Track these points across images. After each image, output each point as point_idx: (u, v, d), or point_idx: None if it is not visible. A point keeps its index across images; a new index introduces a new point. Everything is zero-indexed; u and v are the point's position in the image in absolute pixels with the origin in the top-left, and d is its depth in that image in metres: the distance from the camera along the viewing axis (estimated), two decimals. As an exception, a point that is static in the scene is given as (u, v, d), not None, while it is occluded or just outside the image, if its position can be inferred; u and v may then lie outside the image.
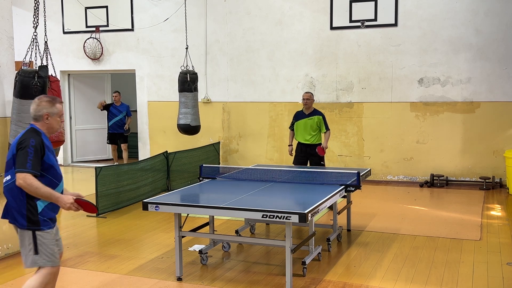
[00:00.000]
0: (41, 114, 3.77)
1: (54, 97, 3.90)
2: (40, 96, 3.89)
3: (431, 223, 6.99)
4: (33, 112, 3.79)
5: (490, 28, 9.35)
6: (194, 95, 9.51)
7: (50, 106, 3.80)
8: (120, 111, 11.53)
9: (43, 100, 3.82)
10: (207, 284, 4.88)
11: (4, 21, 5.78)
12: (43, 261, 3.69)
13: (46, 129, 3.80)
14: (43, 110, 3.78)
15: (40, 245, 3.66)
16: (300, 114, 7.97)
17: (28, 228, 3.66)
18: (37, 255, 3.66)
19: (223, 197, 5.15)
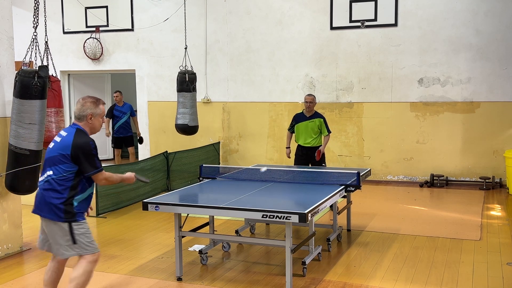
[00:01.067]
0: (85, 114, 3.95)
1: (97, 98, 4.08)
2: (84, 97, 4.06)
3: (431, 223, 6.99)
4: (77, 112, 3.97)
5: (490, 28, 9.35)
6: (192, 95, 9.50)
7: (94, 106, 3.98)
8: (124, 112, 10.83)
9: (88, 100, 3.98)
10: (207, 284, 4.88)
11: (4, 21, 5.78)
12: (82, 250, 3.88)
13: (89, 129, 4.00)
14: (87, 110, 3.95)
15: (77, 235, 3.87)
16: (300, 117, 7.80)
17: (65, 221, 3.84)
18: (75, 245, 3.86)
19: (223, 197, 5.15)
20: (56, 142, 3.93)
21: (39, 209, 3.92)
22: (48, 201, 3.84)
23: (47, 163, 3.91)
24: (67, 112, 12.32)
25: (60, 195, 3.83)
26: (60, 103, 6.46)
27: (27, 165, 5.43)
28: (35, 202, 3.96)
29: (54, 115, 6.33)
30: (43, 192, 3.89)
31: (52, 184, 3.85)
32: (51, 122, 6.28)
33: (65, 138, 3.90)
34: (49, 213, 3.85)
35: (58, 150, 3.86)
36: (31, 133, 5.40)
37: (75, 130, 3.93)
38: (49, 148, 3.96)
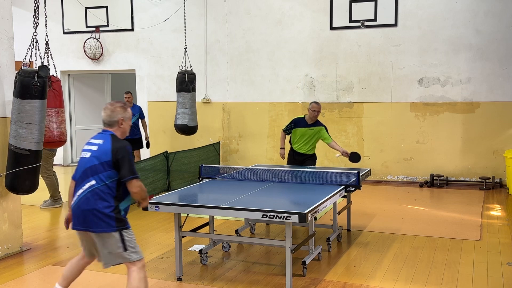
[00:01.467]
0: (116, 120, 3.93)
1: (124, 102, 4.07)
2: (111, 102, 4.03)
3: (431, 223, 6.99)
4: (108, 118, 3.92)
5: (490, 28, 9.35)
6: (192, 95, 9.50)
7: (124, 111, 3.97)
8: (133, 114, 10.14)
9: (117, 105, 3.96)
10: (207, 284, 4.88)
11: (4, 21, 5.78)
12: (133, 256, 3.85)
13: (120, 134, 3.98)
14: (118, 115, 3.94)
15: (128, 241, 3.83)
16: (301, 122, 7.48)
17: (116, 229, 3.79)
18: (126, 252, 3.82)
19: (223, 197, 5.15)
20: (92, 151, 3.85)
21: (85, 225, 3.79)
22: (96, 213, 3.74)
23: (86, 174, 3.81)
24: (67, 113, 12.33)
25: (108, 204, 3.77)
26: (61, 103, 6.46)
27: (27, 165, 5.43)
28: (77, 217, 3.83)
29: (55, 115, 6.33)
30: (88, 203, 3.77)
31: (98, 193, 3.76)
32: (52, 122, 6.28)
33: (102, 146, 3.83)
34: (99, 226, 3.75)
35: (98, 159, 3.79)
36: (31, 133, 5.40)
37: (110, 136, 3.88)
38: (84, 158, 3.87)
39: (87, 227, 3.79)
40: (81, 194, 3.81)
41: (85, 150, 3.91)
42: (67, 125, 12.40)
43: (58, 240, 6.48)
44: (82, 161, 3.89)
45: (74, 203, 3.86)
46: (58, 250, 6.00)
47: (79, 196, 3.82)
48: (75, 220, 3.86)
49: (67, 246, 6.14)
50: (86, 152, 3.89)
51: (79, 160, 3.93)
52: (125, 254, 3.82)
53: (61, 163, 12.16)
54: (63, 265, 5.46)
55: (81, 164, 3.89)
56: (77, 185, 3.87)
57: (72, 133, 12.53)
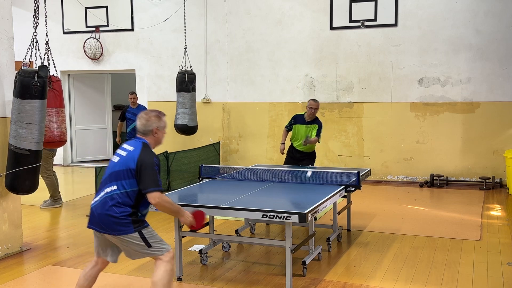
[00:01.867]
0: (150, 129, 3.93)
1: (159, 111, 4.05)
2: (147, 111, 4.02)
3: (431, 223, 6.99)
4: (142, 127, 3.92)
5: (490, 28, 9.35)
6: (191, 95, 9.51)
7: (158, 120, 3.96)
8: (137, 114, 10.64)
9: (152, 115, 3.95)
10: (207, 284, 4.88)
11: (4, 21, 5.78)
12: (158, 251, 3.83)
13: (154, 143, 3.97)
14: (153, 124, 3.93)
15: (149, 238, 3.81)
16: (300, 119, 7.61)
17: (135, 230, 3.76)
18: (150, 248, 3.81)
19: (223, 197, 5.15)
20: (121, 156, 3.85)
21: (102, 227, 3.77)
22: (112, 218, 3.71)
23: (111, 177, 3.80)
24: (67, 112, 12.33)
25: (125, 210, 3.73)
26: (61, 103, 6.47)
27: (27, 165, 5.44)
28: (93, 218, 3.80)
29: (55, 115, 6.34)
30: (104, 207, 3.74)
31: (116, 199, 3.73)
32: (52, 122, 6.29)
33: (131, 153, 3.82)
34: (117, 230, 3.72)
35: (124, 164, 3.78)
36: (31, 133, 5.40)
37: (142, 144, 3.86)
38: (113, 162, 3.87)
39: (104, 229, 3.77)
40: (102, 197, 3.79)
41: (116, 154, 3.92)
42: (67, 125, 12.40)
43: (58, 240, 6.48)
44: (110, 164, 3.90)
45: (94, 203, 3.85)
46: (58, 250, 6.00)
47: (100, 198, 3.80)
48: (90, 219, 3.85)
49: (67, 246, 6.14)
50: (116, 156, 3.90)
51: (109, 163, 3.94)
52: (149, 250, 3.82)
53: (61, 163, 12.15)
54: (63, 265, 5.46)
55: (109, 167, 3.90)
56: (101, 186, 3.87)
57: (72, 133, 12.53)
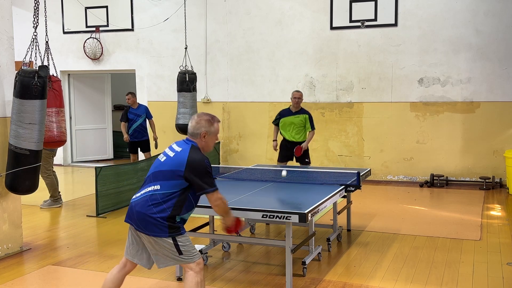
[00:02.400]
0: (199, 132, 3.82)
1: (213, 116, 3.93)
2: (200, 114, 3.91)
3: (431, 223, 6.99)
4: (192, 129, 3.84)
5: (490, 28, 9.35)
6: (192, 95, 9.52)
7: (209, 125, 3.84)
8: (139, 114, 10.06)
9: (203, 118, 3.84)
10: (207, 284, 4.88)
11: (4, 21, 5.78)
12: (188, 259, 3.75)
13: (201, 146, 3.87)
14: (201, 128, 3.82)
15: (182, 246, 3.71)
16: (286, 112, 8.14)
17: (169, 235, 3.68)
18: (181, 255, 3.73)
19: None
20: (168, 157, 3.77)
21: (138, 225, 3.70)
22: (149, 218, 3.64)
23: (156, 177, 3.74)
24: (67, 112, 12.32)
25: (165, 211, 3.65)
26: (61, 103, 6.47)
27: (27, 165, 5.44)
28: (134, 217, 3.72)
29: (55, 115, 6.34)
30: (144, 206, 3.68)
31: (157, 199, 3.66)
32: (52, 122, 6.29)
33: (179, 154, 3.74)
34: (152, 230, 3.65)
35: (171, 165, 3.70)
36: (31, 133, 5.40)
37: (190, 146, 3.79)
38: (159, 161, 3.80)
39: (140, 228, 3.70)
40: (143, 194, 3.73)
41: (164, 153, 3.85)
42: (67, 125, 12.40)
43: (58, 240, 6.48)
44: (156, 162, 3.84)
45: (135, 199, 3.78)
46: (58, 250, 6.00)
47: (141, 195, 3.75)
48: (129, 214, 3.78)
49: (67, 246, 6.14)
50: (164, 155, 3.83)
51: (155, 161, 3.87)
52: (180, 257, 3.73)
53: (61, 163, 12.15)
54: (63, 265, 5.47)
55: (154, 165, 3.83)
56: (144, 183, 3.81)
57: (72, 133, 12.54)
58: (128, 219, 3.79)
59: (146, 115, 10.16)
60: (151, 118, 10.24)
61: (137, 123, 10.05)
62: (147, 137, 10.25)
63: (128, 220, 3.79)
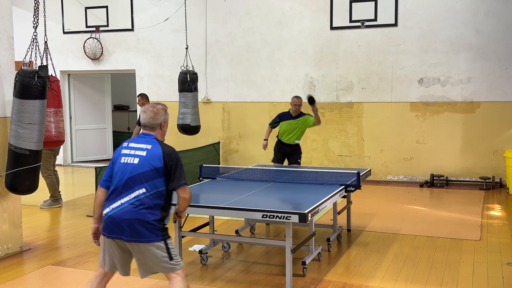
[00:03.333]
0: (159, 122, 3.76)
1: (163, 104, 3.90)
2: (153, 104, 3.83)
3: (431, 223, 6.99)
4: (151, 120, 3.74)
5: (490, 28, 9.35)
6: (194, 95, 9.51)
7: (165, 113, 3.82)
8: None
9: (159, 107, 3.79)
10: (207, 284, 4.88)
11: (4, 21, 5.78)
12: (177, 265, 3.68)
13: (161, 137, 3.80)
14: (161, 117, 3.77)
15: (172, 250, 3.66)
16: (286, 115, 8.16)
17: (162, 239, 3.61)
18: (172, 261, 3.64)
19: (223, 197, 5.15)
20: (140, 156, 3.62)
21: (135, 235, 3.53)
22: (144, 223, 3.53)
23: (135, 181, 3.57)
24: (67, 112, 12.32)
25: (156, 214, 3.58)
26: (59, 103, 6.46)
27: (27, 165, 5.44)
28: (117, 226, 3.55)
29: (53, 115, 6.33)
30: (135, 213, 3.53)
31: (146, 202, 3.56)
32: (50, 122, 6.28)
33: (152, 150, 3.62)
34: (148, 237, 3.54)
35: (149, 165, 3.58)
36: (31, 133, 5.40)
37: (155, 140, 3.70)
38: (132, 165, 3.60)
39: (133, 237, 3.55)
40: (127, 202, 3.56)
41: (130, 155, 3.65)
42: (67, 125, 12.40)
43: (58, 240, 6.48)
44: (128, 167, 3.62)
45: (115, 211, 3.58)
46: (58, 250, 6.00)
47: (124, 204, 3.56)
48: (112, 229, 3.58)
49: (67, 246, 6.14)
50: (132, 157, 3.64)
51: (120, 166, 3.65)
52: (170, 263, 3.64)
53: (61, 163, 12.15)
54: (63, 265, 5.47)
55: (126, 170, 3.61)
56: (118, 192, 3.60)
57: (72, 133, 12.53)
58: (114, 234, 3.59)
59: None
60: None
61: None
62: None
63: (113, 236, 3.60)
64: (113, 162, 3.74)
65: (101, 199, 3.72)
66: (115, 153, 3.76)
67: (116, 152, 3.77)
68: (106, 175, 3.74)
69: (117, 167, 3.67)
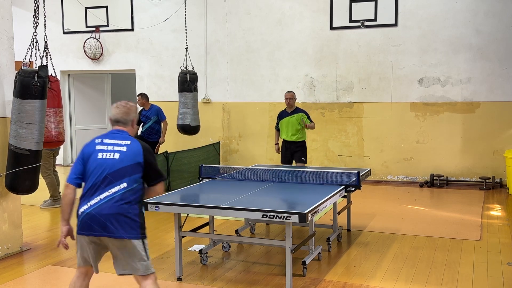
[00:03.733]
0: (131, 119, 3.77)
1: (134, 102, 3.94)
2: (125, 102, 3.82)
3: (431, 223, 6.99)
4: (124, 116, 3.74)
5: (490, 28, 9.35)
6: (193, 95, 9.51)
7: (137, 111, 3.87)
8: (148, 116, 9.56)
9: (131, 105, 3.80)
10: (207, 284, 4.88)
11: (4, 21, 5.78)
12: (149, 268, 3.66)
13: (131, 134, 3.80)
14: (132, 114, 3.78)
15: (147, 251, 3.67)
16: (283, 113, 8.36)
17: (140, 237, 3.60)
18: (146, 262, 3.63)
19: (223, 197, 5.15)
20: (121, 152, 3.60)
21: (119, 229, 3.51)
22: (125, 218, 3.52)
23: (115, 176, 3.55)
24: (67, 112, 12.32)
25: (135, 208, 3.58)
26: (59, 103, 6.46)
27: (27, 165, 5.44)
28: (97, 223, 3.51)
29: (53, 115, 6.33)
30: (117, 208, 3.52)
31: (127, 197, 3.55)
32: (50, 122, 6.28)
33: (132, 146, 3.63)
34: (127, 232, 3.52)
35: (130, 160, 3.58)
36: (31, 133, 5.40)
37: (128, 135, 3.72)
38: (112, 160, 3.57)
39: (115, 232, 3.52)
40: (107, 197, 3.53)
41: (108, 151, 3.62)
42: (67, 125, 12.40)
43: (58, 240, 6.47)
44: (107, 162, 3.58)
45: (94, 207, 3.53)
46: (58, 250, 5.99)
47: (104, 199, 3.53)
48: (92, 226, 3.54)
49: (67, 246, 6.13)
50: (111, 152, 3.61)
51: (98, 161, 3.59)
52: (146, 264, 3.62)
53: (61, 163, 12.15)
54: (63, 265, 5.47)
55: (105, 165, 3.57)
56: (97, 188, 3.56)
57: (72, 133, 12.53)
58: (95, 232, 3.55)
59: (158, 116, 9.60)
60: (163, 119, 9.66)
61: (147, 125, 9.61)
62: (155, 140, 9.61)
63: (95, 233, 3.55)
64: (84, 158, 3.63)
65: (71, 197, 3.64)
66: (86, 150, 3.66)
67: (86, 148, 3.67)
68: (77, 172, 3.63)
69: (94, 163, 3.60)
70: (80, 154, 3.67)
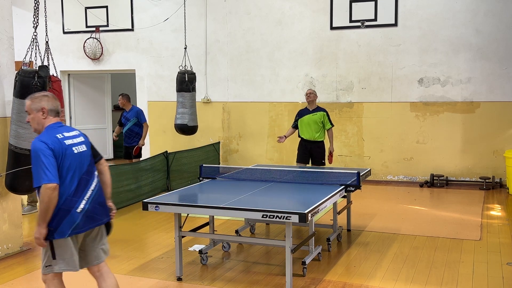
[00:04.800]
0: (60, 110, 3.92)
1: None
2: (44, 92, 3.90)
3: (431, 223, 6.99)
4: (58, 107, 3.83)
5: (490, 28, 9.35)
6: (192, 95, 9.51)
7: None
8: (128, 118, 9.24)
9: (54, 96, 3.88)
10: (207, 284, 4.88)
11: (4, 21, 5.78)
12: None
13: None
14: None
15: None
16: (304, 111, 8.13)
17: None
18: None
19: (223, 197, 5.15)
20: (84, 142, 3.79)
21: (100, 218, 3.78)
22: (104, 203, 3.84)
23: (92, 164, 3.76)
24: (67, 112, 12.31)
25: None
26: (61, 103, 6.45)
27: (27, 165, 5.43)
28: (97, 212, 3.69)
29: (54, 115, 6.31)
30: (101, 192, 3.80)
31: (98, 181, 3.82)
32: (51, 122, 6.26)
33: (83, 136, 3.87)
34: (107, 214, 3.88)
35: (88, 147, 3.82)
36: (31, 133, 5.39)
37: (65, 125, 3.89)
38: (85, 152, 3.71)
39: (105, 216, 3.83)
40: (95, 186, 3.72)
41: (77, 144, 3.67)
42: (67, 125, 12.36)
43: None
44: (82, 155, 3.66)
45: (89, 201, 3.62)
46: (58, 250, 5.99)
47: (94, 189, 3.69)
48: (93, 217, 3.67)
49: (67, 246, 6.13)
50: (79, 145, 3.69)
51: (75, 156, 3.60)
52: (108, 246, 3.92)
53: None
54: (63, 265, 5.46)
55: (82, 158, 3.65)
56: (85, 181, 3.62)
57: (72, 133, 12.49)
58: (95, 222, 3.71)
59: (138, 118, 9.21)
60: (143, 121, 9.26)
61: (125, 127, 9.28)
62: (135, 143, 9.25)
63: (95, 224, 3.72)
64: (57, 155, 3.49)
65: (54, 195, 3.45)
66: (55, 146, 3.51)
67: (55, 145, 3.52)
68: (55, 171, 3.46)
69: (72, 158, 3.58)
70: (49, 152, 3.45)
